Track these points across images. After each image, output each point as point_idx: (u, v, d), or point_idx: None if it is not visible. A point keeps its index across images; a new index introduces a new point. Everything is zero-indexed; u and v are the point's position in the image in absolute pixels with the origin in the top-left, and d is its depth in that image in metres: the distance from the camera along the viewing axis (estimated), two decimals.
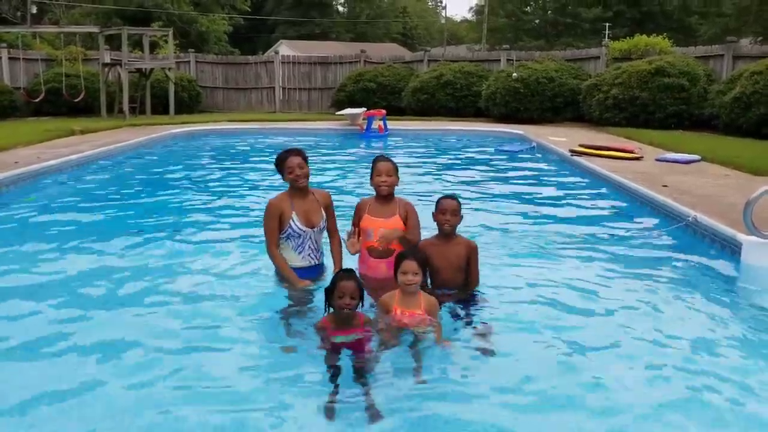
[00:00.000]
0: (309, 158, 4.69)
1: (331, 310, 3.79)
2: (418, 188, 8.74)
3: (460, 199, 4.53)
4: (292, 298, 4.53)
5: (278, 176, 4.69)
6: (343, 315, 3.74)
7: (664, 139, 13.44)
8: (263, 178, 10.09)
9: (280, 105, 24.32)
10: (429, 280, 4.47)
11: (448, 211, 4.40)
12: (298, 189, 4.61)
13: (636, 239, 6.49)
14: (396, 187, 4.61)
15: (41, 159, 10.41)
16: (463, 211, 4.51)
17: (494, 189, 9.34)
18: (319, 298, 4.36)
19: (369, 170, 4.64)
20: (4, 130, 14.80)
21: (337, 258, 4.73)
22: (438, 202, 4.49)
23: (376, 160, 4.60)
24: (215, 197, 8.74)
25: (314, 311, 4.25)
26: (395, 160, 4.67)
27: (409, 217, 4.54)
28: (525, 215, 7.64)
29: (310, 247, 4.66)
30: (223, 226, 6.98)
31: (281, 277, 4.67)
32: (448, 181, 9.90)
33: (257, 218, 5.46)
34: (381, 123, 16.48)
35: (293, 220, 4.56)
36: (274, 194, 4.75)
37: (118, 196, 8.84)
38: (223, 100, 24.70)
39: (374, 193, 4.61)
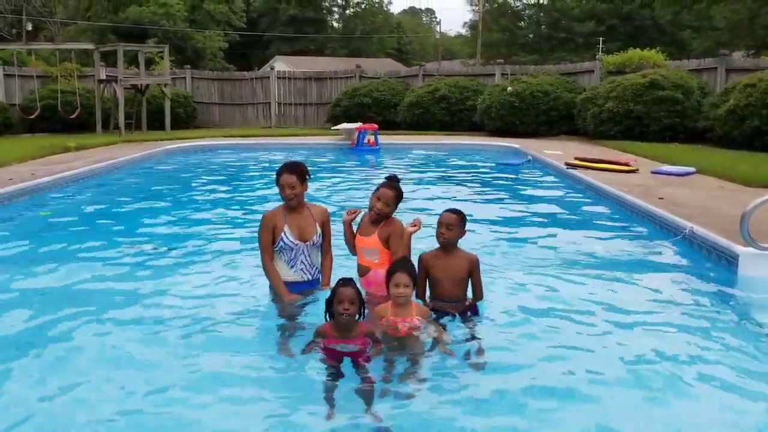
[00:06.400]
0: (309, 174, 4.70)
1: (331, 318, 3.79)
2: (411, 202, 8.72)
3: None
4: (283, 311, 4.51)
5: (273, 191, 4.70)
6: (342, 321, 3.72)
7: (659, 151, 13.48)
8: (258, 193, 10.07)
9: (276, 120, 24.35)
10: (428, 292, 4.47)
11: (443, 224, 4.40)
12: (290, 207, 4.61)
13: (632, 252, 6.47)
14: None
15: (35, 176, 10.37)
16: None
17: (488, 202, 9.33)
18: (313, 312, 4.35)
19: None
20: None
21: (326, 274, 4.72)
22: (440, 214, 4.50)
23: (385, 181, 4.57)
24: (210, 212, 8.71)
25: (307, 325, 4.22)
26: (389, 173, 4.65)
27: (391, 240, 4.48)
28: (520, 228, 7.62)
29: (302, 261, 4.63)
30: (218, 240, 6.95)
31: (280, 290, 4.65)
32: (441, 195, 9.88)
33: (252, 232, 5.45)
34: (372, 137, 16.53)
35: (285, 233, 4.55)
36: (268, 208, 4.75)
37: (113, 212, 8.80)
38: (218, 116, 24.74)
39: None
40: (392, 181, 4.59)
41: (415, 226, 4.45)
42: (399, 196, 4.56)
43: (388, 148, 16.47)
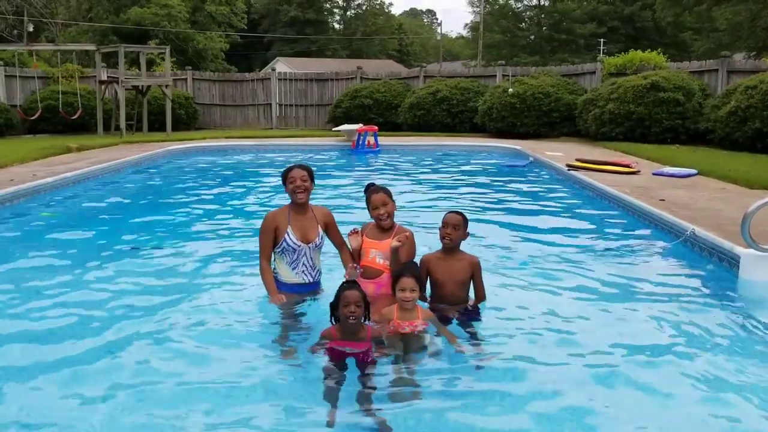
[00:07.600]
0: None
1: (336, 322, 3.77)
2: (411, 204, 8.72)
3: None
4: (284, 312, 4.50)
5: (274, 192, 4.70)
6: (349, 325, 3.71)
7: (661, 153, 13.47)
8: (259, 194, 10.06)
9: (277, 122, 24.36)
10: (429, 294, 4.47)
11: (449, 224, 4.40)
12: (297, 204, 4.60)
13: (634, 253, 6.47)
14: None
15: (37, 177, 10.37)
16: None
17: (489, 204, 9.32)
18: (315, 312, 4.35)
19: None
20: (0, 148, 14.77)
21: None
22: (443, 216, 4.50)
23: (368, 191, 4.57)
24: (211, 213, 8.70)
25: (309, 326, 4.23)
26: (390, 175, 4.66)
27: (402, 248, 4.42)
28: (522, 230, 7.60)
29: (305, 263, 4.63)
30: (219, 241, 6.94)
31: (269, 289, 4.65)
32: (441, 196, 9.88)
33: (253, 234, 5.45)
34: (372, 139, 16.54)
35: (288, 234, 4.55)
36: (270, 208, 4.73)
37: (114, 213, 8.80)
38: (219, 117, 24.74)
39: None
40: (373, 186, 4.61)
41: (400, 241, 4.29)
42: (389, 194, 4.56)
43: (389, 149, 16.47)
